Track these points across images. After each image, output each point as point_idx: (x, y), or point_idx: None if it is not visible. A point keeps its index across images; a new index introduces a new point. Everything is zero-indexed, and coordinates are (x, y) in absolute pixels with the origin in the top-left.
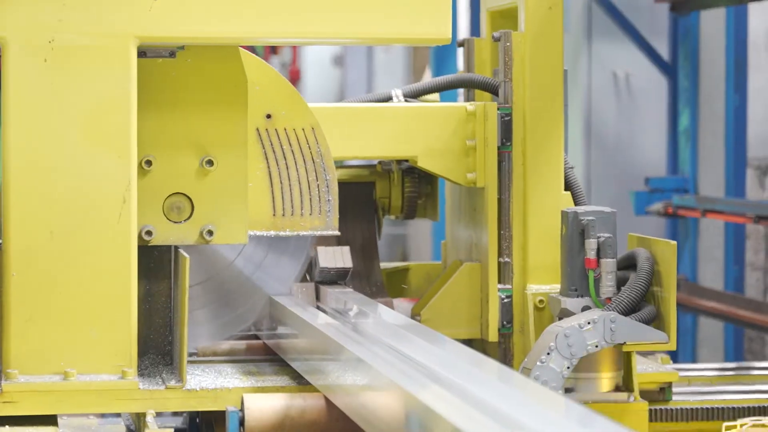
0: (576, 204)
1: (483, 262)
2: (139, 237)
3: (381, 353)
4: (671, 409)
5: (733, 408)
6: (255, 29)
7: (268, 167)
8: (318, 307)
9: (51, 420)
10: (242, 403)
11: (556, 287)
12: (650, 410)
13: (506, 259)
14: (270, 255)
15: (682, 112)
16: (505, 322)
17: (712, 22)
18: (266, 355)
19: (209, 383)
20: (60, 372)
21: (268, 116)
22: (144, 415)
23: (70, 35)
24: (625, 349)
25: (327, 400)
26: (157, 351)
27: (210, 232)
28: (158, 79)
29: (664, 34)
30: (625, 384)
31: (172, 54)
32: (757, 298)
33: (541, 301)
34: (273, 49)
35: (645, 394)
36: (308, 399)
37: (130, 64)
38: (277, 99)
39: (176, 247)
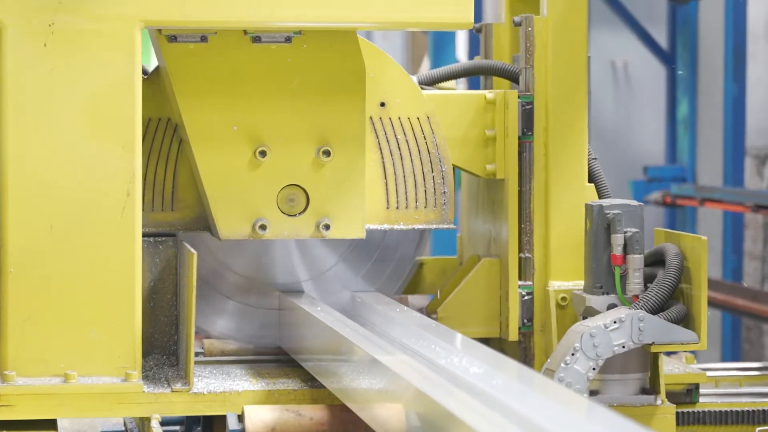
0: (600, 197)
1: (502, 258)
2: (253, 230)
3: (397, 354)
4: (699, 412)
5: (764, 411)
6: (270, 13)
7: (382, 158)
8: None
9: (50, 424)
10: (242, 414)
11: (580, 284)
12: (677, 413)
13: (527, 255)
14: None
15: (680, 101)
16: (525, 321)
17: (711, 11)
18: (275, 354)
19: (217, 386)
20: (60, 374)
21: (382, 104)
22: (149, 419)
23: (71, 18)
24: (653, 349)
25: (331, 412)
26: (162, 351)
27: (326, 226)
28: (272, 66)
29: (663, 23)
30: (651, 386)
31: (287, 39)
32: (755, 287)
33: (563, 299)
34: None
35: (671, 396)
36: (311, 412)
37: (135, 49)
38: (391, 87)
39: (181, 242)
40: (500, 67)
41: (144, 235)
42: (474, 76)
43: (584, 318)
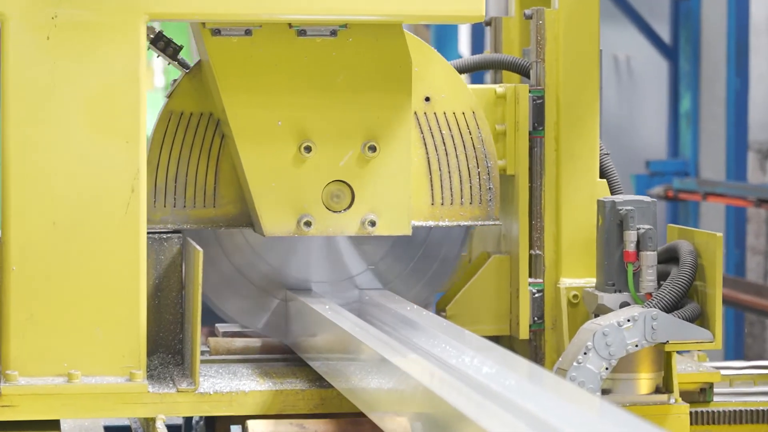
0: (612, 193)
1: (513, 255)
2: (298, 227)
3: (407, 353)
4: (713, 412)
5: None
6: (276, 6)
7: (427, 153)
8: None
9: (53, 425)
10: (245, 428)
11: (592, 281)
12: (690, 413)
13: (537, 252)
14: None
15: (683, 96)
16: (536, 318)
17: (714, 6)
18: (283, 353)
19: (223, 386)
20: (63, 374)
21: (427, 99)
22: (153, 420)
23: (74, 11)
24: (667, 348)
25: (337, 426)
26: (167, 349)
27: (372, 223)
28: (318, 60)
29: (665, 17)
30: (664, 385)
31: (333, 33)
32: (758, 281)
33: (575, 296)
34: None
35: (684, 395)
36: (315, 426)
37: (140, 43)
38: (436, 81)
39: (186, 239)
40: (511, 61)
41: (171, 231)
42: (483, 70)
43: (596, 316)
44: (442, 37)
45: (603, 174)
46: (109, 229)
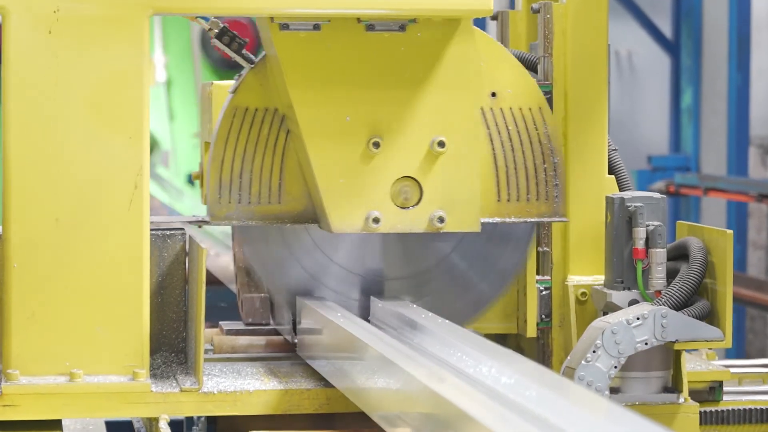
0: (621, 189)
1: None
2: (366, 224)
3: (423, 362)
4: (722, 411)
5: None
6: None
7: (493, 150)
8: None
9: (55, 425)
10: None
11: (600, 279)
12: (700, 412)
13: (545, 249)
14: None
15: (684, 91)
16: (543, 316)
17: (715, 1)
18: (287, 351)
19: (228, 385)
20: (65, 373)
21: (493, 95)
22: (157, 420)
23: (77, 4)
24: (676, 347)
25: None
26: (171, 348)
27: (441, 219)
28: (386, 55)
29: (667, 12)
30: (673, 384)
31: (401, 28)
32: (759, 277)
33: (583, 294)
34: None
35: (693, 394)
36: None
37: (143, 37)
38: (502, 76)
39: (191, 236)
40: (518, 56)
41: (174, 228)
42: None
43: (605, 314)
44: None
45: (611, 170)
46: (111, 225)
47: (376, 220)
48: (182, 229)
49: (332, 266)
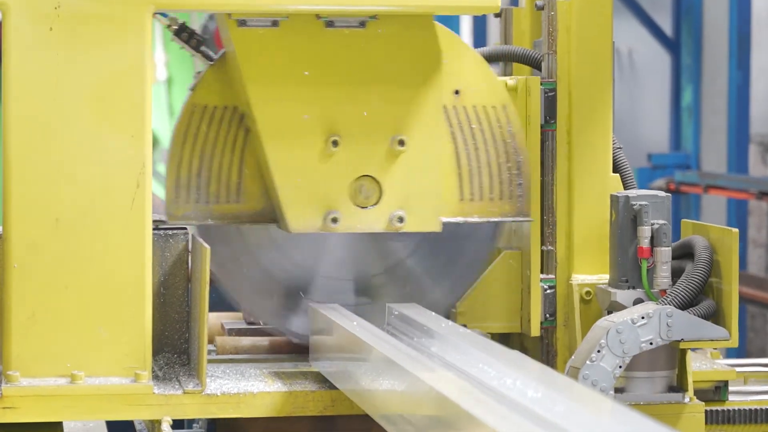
0: (625, 187)
1: (524, 250)
2: (324, 223)
3: (443, 374)
4: (728, 410)
5: None
6: None
7: (456, 148)
8: None
9: (56, 427)
10: None
11: (604, 278)
12: (705, 412)
13: (549, 247)
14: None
15: (684, 89)
16: (547, 315)
17: None
18: (291, 353)
19: (231, 387)
20: (66, 374)
21: (457, 93)
22: (159, 422)
23: (78, 1)
24: (682, 346)
25: None
26: (173, 349)
27: (400, 219)
28: (345, 52)
29: (667, 10)
30: (679, 383)
31: (361, 24)
32: (759, 275)
33: (588, 293)
34: None
35: (698, 394)
36: None
37: (146, 34)
38: (466, 74)
39: (194, 236)
40: (522, 53)
41: (177, 228)
42: (493, 62)
43: (609, 313)
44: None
45: (616, 168)
46: (113, 225)
47: (335, 220)
48: (185, 228)
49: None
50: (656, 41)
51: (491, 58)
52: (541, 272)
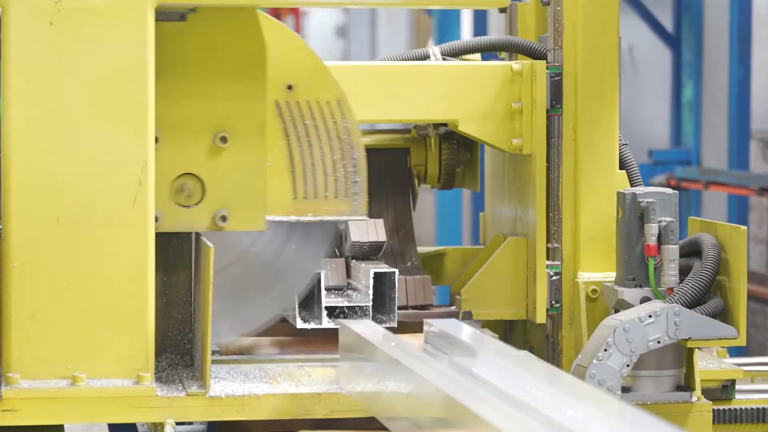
0: (632, 185)
1: (529, 237)
2: None
3: (469, 386)
4: (735, 410)
5: None
6: None
7: (289, 145)
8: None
9: (57, 430)
10: None
11: (611, 275)
12: (713, 411)
13: (555, 245)
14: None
15: (685, 84)
16: (553, 302)
17: None
18: (296, 353)
19: (236, 389)
20: (67, 376)
21: (289, 88)
22: (162, 425)
23: None
24: (689, 345)
25: None
26: (176, 350)
27: (223, 218)
28: (167, 46)
29: (668, 6)
30: (686, 382)
31: (182, 17)
32: (760, 271)
33: (594, 291)
34: (276, 18)
35: (705, 393)
36: None
37: (147, 28)
38: (299, 68)
39: (197, 234)
40: (527, 46)
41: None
42: (496, 52)
43: (616, 311)
44: (445, 24)
45: (622, 165)
46: (115, 224)
47: (155, 219)
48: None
49: None
50: (657, 37)
51: (497, 48)
52: (547, 259)
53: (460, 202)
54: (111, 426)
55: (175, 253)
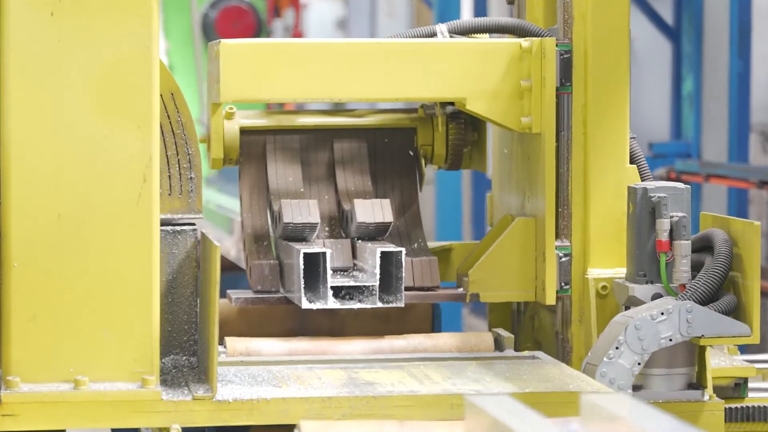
0: (642, 179)
1: (538, 217)
2: None
3: None
4: (747, 408)
5: None
6: None
7: None
8: None
9: None
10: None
11: (621, 272)
12: (724, 409)
13: (564, 241)
14: None
15: (685, 77)
16: (563, 284)
17: None
18: (305, 354)
19: (244, 393)
20: (69, 380)
21: None
22: (167, 430)
23: None
24: (702, 342)
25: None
26: (182, 351)
27: None
28: None
29: None
30: (698, 380)
31: None
32: (762, 264)
33: (604, 288)
34: (276, 12)
35: (717, 391)
36: (385, 428)
37: (152, 18)
38: None
39: (203, 233)
40: (536, 31)
41: (185, 223)
42: (507, 34)
43: (627, 308)
44: (445, 16)
45: (631, 159)
46: (118, 222)
47: None
48: (194, 224)
49: None
50: (657, 30)
51: (505, 30)
52: (557, 239)
53: (461, 198)
54: (114, 431)
55: (180, 252)
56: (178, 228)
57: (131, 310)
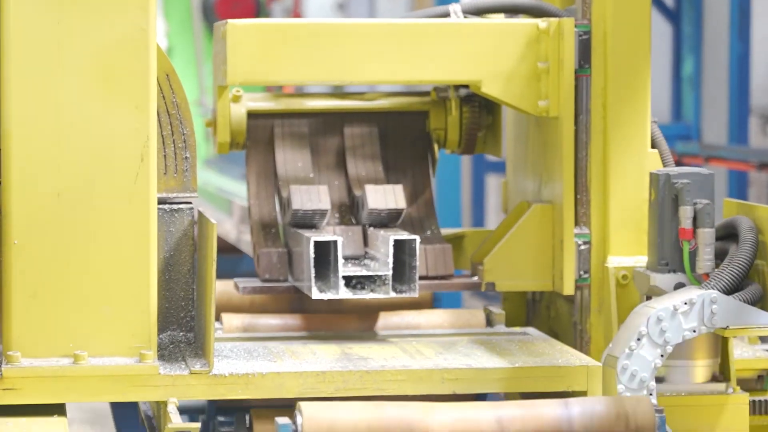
0: (663, 164)
1: (556, 203)
2: None
3: None
4: None
5: None
6: None
7: None
8: None
9: (58, 409)
10: (297, 413)
11: (642, 260)
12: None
13: (583, 228)
14: None
15: (685, 59)
16: (582, 273)
17: None
18: (300, 330)
19: (240, 367)
20: (69, 355)
21: None
22: (165, 404)
23: None
24: (726, 334)
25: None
26: (179, 327)
27: None
28: None
29: None
30: (721, 372)
31: None
32: None
33: (624, 277)
34: None
35: (739, 383)
36: (386, 409)
37: (150, 1)
38: None
39: (200, 211)
40: (554, 12)
41: (182, 201)
42: (522, 14)
43: (648, 298)
44: (446, 2)
45: (653, 144)
46: (117, 200)
47: None
48: (190, 203)
49: None
50: (657, 11)
51: (520, 10)
52: (575, 226)
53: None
54: (113, 404)
55: (177, 230)
56: (174, 206)
57: (129, 286)
